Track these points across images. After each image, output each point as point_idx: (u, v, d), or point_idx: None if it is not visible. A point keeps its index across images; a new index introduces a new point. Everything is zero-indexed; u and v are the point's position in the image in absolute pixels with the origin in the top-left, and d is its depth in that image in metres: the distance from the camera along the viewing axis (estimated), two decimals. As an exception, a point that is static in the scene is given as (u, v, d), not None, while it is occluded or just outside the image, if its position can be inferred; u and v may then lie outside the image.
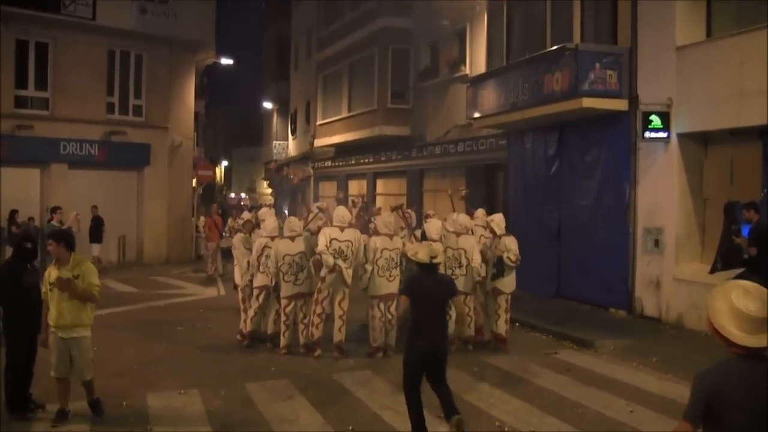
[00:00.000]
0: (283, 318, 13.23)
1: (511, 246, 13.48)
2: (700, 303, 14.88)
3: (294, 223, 13.60)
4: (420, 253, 8.83)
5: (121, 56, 29.58)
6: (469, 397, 10.38)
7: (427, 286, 8.72)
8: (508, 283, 13.67)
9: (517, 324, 15.53)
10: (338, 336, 13.01)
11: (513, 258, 13.33)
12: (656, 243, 16.19)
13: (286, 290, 13.09)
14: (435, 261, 8.79)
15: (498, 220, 13.93)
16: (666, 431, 9.04)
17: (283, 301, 13.18)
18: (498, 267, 13.46)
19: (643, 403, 10.04)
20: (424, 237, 13.37)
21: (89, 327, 9.12)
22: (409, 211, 15.62)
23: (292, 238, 13.16)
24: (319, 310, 12.95)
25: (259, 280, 13.50)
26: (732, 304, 4.49)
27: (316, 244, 12.87)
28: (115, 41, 29.04)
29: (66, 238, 9.42)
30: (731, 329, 4.56)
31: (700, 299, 14.86)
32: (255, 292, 13.68)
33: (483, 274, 13.48)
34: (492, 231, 13.85)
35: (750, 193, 14.05)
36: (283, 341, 13.17)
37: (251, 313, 13.73)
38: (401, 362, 8.64)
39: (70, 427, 8.99)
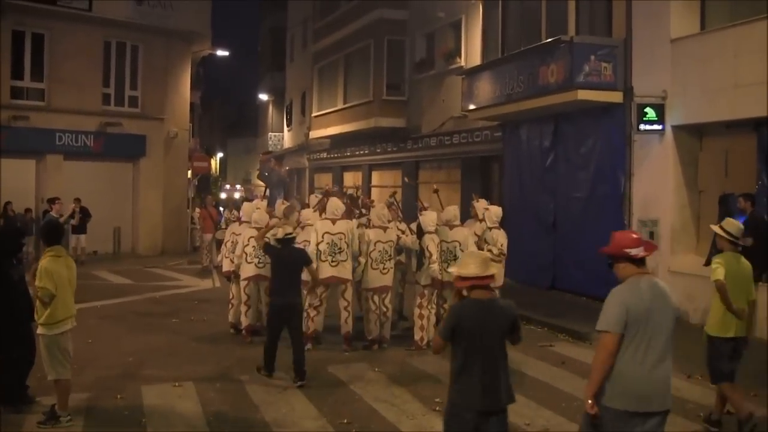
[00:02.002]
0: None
1: (498, 240, 13.46)
2: (695, 295, 14.90)
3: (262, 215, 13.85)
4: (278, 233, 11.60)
5: (117, 47, 29.46)
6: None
7: (284, 255, 11.18)
8: (496, 278, 13.62)
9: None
10: (345, 327, 13.01)
11: (495, 251, 13.20)
12: (651, 235, 16.20)
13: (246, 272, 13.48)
14: (289, 236, 11.35)
15: (493, 212, 13.91)
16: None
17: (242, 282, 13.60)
18: None
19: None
20: (419, 229, 13.37)
21: (45, 326, 8.61)
22: (395, 201, 15.56)
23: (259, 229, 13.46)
24: (316, 302, 12.95)
25: (248, 271, 13.50)
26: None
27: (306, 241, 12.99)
28: (111, 32, 28.93)
29: (42, 233, 9.37)
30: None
31: (696, 291, 14.89)
32: (243, 284, 13.68)
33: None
34: (483, 222, 13.83)
35: (745, 184, 14.10)
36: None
37: (243, 307, 13.70)
38: (396, 355, 8.68)
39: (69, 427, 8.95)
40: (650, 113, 15.78)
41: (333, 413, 9.34)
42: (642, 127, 15.87)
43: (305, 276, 12.62)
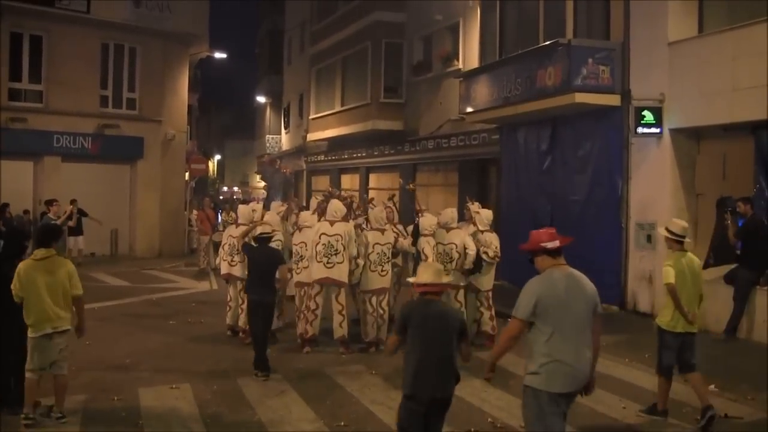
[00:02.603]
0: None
1: (492, 242, 13.46)
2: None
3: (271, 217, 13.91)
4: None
5: (115, 49, 29.44)
6: (461, 392, 10.37)
7: (258, 254, 11.77)
8: (486, 281, 13.67)
9: (509, 319, 15.53)
10: (339, 331, 13.00)
11: (491, 254, 13.30)
12: (648, 238, 16.22)
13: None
14: (264, 235, 11.94)
15: (484, 215, 13.92)
16: (658, 426, 9.10)
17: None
18: (476, 263, 13.39)
19: (635, 399, 10.07)
20: (416, 232, 13.39)
21: (28, 329, 8.79)
22: (390, 205, 15.56)
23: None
24: (312, 305, 12.93)
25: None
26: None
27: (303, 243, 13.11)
28: (109, 34, 28.93)
29: (34, 235, 9.34)
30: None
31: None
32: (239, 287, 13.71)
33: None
34: (474, 225, 13.83)
35: (742, 188, 14.12)
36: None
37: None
38: (393, 357, 8.67)
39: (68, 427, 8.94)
40: (648, 116, 15.79)
41: (330, 415, 9.33)
42: (640, 130, 15.87)
43: (303, 277, 12.71)
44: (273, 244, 12.41)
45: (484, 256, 13.22)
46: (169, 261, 27.99)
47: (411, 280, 6.80)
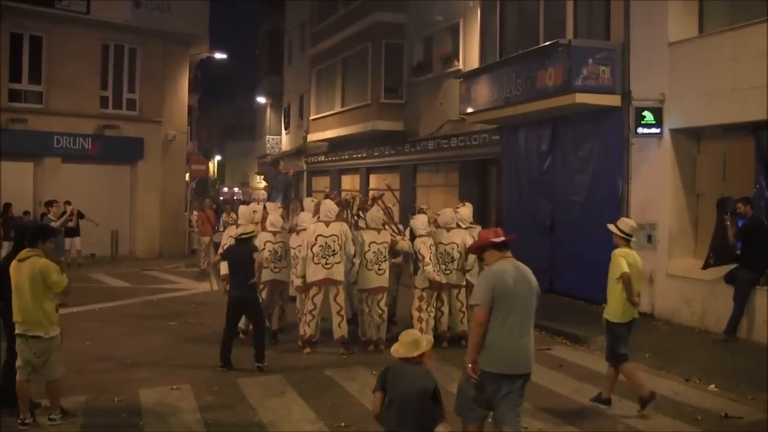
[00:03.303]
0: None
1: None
2: (693, 298, 14.96)
3: (275, 219, 14.02)
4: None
5: (115, 50, 29.50)
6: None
7: (239, 252, 12.02)
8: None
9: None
10: (339, 332, 13.01)
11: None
12: (649, 238, 16.21)
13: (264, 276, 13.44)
14: (244, 235, 12.14)
15: (464, 213, 14.03)
16: (658, 427, 9.10)
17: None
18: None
19: (635, 399, 10.06)
20: (412, 233, 13.41)
21: None
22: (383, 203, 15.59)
23: (274, 233, 13.76)
24: (310, 306, 12.91)
25: (263, 276, 13.45)
26: None
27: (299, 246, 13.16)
28: (109, 35, 28.98)
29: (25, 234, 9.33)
30: None
31: (693, 295, 14.94)
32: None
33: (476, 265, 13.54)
34: (457, 225, 13.84)
35: (742, 188, 14.12)
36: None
37: None
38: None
39: (65, 426, 8.93)
40: (648, 117, 15.78)
41: (330, 416, 9.33)
42: (640, 130, 15.87)
43: (298, 282, 12.76)
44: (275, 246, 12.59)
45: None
46: (169, 262, 28.00)
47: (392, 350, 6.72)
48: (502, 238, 7.15)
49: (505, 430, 6.94)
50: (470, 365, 6.94)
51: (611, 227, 10.29)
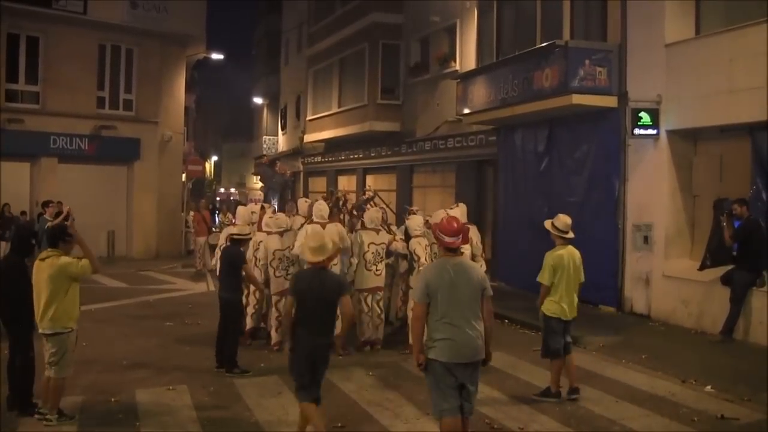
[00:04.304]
0: (275, 314, 13.20)
1: (473, 237, 13.70)
2: (689, 300, 14.96)
3: (282, 219, 13.65)
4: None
5: (112, 50, 29.51)
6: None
7: (229, 254, 12.13)
8: None
9: (506, 321, 15.58)
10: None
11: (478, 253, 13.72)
12: (645, 239, 16.22)
13: (276, 286, 13.12)
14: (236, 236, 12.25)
15: (457, 213, 13.98)
16: (654, 429, 9.10)
17: (274, 297, 13.20)
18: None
19: (632, 400, 10.08)
20: (407, 233, 13.42)
21: None
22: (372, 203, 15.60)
23: (281, 234, 13.22)
24: None
25: (278, 285, 13.37)
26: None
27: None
28: (106, 35, 28.98)
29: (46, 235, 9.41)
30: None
31: (690, 296, 14.95)
32: (252, 289, 13.64)
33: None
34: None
35: (739, 189, 14.13)
36: (275, 337, 13.15)
37: (250, 310, 13.72)
38: (390, 358, 8.74)
39: (62, 426, 8.92)
40: (645, 118, 15.79)
41: (327, 417, 9.30)
42: (636, 131, 15.88)
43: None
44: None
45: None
46: (166, 262, 27.99)
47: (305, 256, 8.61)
48: (454, 245, 7.42)
49: (453, 417, 7.28)
50: (416, 356, 7.40)
51: (547, 225, 10.58)
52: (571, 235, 10.45)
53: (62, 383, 9.05)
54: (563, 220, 10.47)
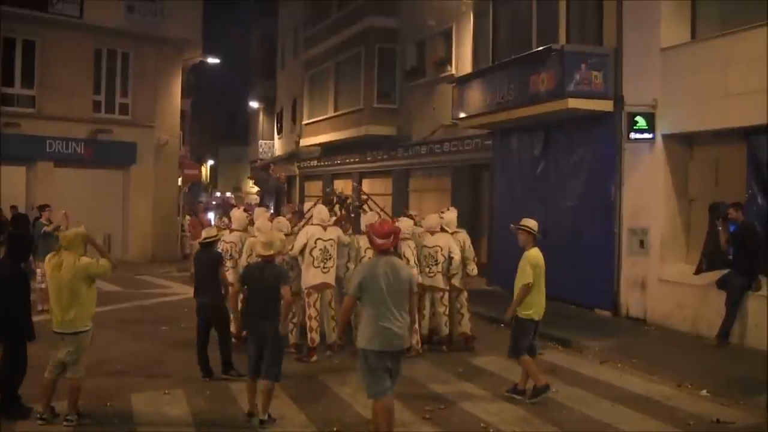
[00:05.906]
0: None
1: (465, 242, 13.99)
2: (685, 304, 14.97)
3: (283, 223, 13.70)
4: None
5: (108, 54, 29.49)
6: (454, 397, 10.42)
7: (203, 257, 12.25)
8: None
9: (501, 324, 15.56)
10: (333, 336, 12.97)
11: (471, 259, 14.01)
12: (641, 244, 16.24)
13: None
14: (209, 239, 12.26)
15: (448, 218, 14.11)
16: (651, 431, 9.11)
17: None
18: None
19: (627, 404, 10.09)
20: None
21: None
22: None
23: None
24: (314, 313, 12.85)
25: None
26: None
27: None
28: (102, 39, 28.95)
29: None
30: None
31: (685, 300, 14.95)
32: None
33: (461, 269, 13.75)
34: (443, 230, 13.90)
35: (735, 193, 14.12)
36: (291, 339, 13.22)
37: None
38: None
39: (54, 427, 8.94)
40: (640, 122, 15.80)
41: (322, 421, 9.32)
42: (632, 135, 15.88)
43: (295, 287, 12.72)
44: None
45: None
46: (161, 266, 27.95)
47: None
48: (384, 247, 8.24)
49: (386, 397, 8.07)
50: (338, 335, 9.33)
51: (525, 224, 10.57)
52: (540, 235, 10.67)
53: (79, 383, 9.18)
54: (531, 222, 10.62)
